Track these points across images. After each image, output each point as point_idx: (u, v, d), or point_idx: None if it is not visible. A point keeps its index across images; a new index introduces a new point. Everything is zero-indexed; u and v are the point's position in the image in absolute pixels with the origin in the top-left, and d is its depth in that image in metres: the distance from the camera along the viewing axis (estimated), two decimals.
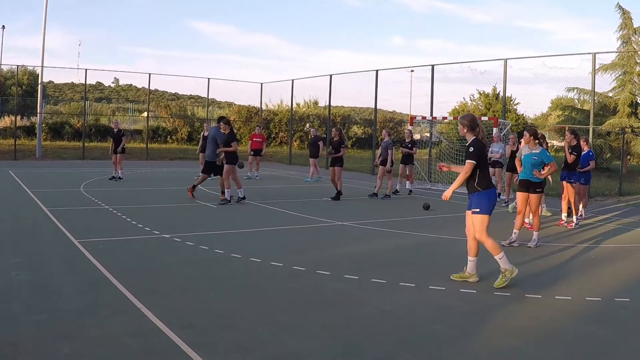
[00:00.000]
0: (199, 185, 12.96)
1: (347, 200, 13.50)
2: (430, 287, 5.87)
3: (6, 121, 41.32)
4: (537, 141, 8.51)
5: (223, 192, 12.01)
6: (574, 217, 10.52)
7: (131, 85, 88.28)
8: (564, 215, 10.73)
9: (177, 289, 5.61)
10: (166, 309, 4.90)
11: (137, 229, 8.93)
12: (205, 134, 16.77)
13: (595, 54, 15.85)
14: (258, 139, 19.36)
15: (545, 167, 8.36)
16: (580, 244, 8.78)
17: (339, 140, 13.77)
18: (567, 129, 12.41)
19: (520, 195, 8.51)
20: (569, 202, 10.73)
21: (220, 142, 12.14)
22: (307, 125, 19.28)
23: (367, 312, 5.03)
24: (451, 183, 6.49)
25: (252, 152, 19.13)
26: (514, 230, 8.48)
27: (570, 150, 10.60)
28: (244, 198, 12.27)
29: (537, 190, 8.43)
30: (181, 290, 5.56)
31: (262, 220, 10.39)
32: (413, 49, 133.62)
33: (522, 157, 8.59)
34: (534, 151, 8.41)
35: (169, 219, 10.17)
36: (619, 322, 5.03)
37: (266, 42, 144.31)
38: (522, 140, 9.00)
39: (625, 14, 26.04)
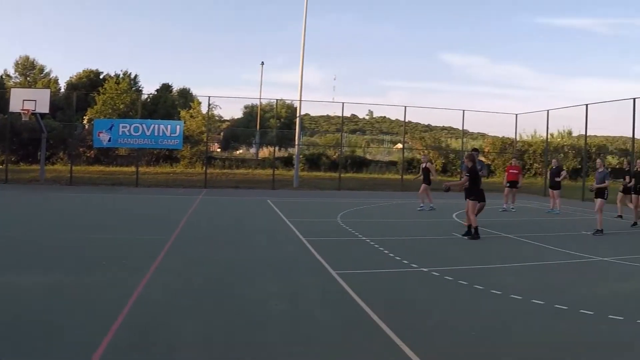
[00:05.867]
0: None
1: (606, 235, 12.82)
2: None
3: (265, 152, 45.02)
4: None
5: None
6: None
7: (385, 117, 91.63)
8: None
9: (438, 326, 5.57)
10: (427, 348, 4.85)
11: (394, 261, 8.83)
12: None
13: None
14: (514, 171, 19.10)
15: None
16: None
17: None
18: None
19: None
20: None
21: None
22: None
23: (633, 357, 4.91)
24: None
25: (508, 184, 18.86)
26: None
27: None
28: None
29: None
30: (442, 328, 5.52)
31: (520, 254, 10.15)
32: None
33: None
34: None
35: (425, 252, 10.09)
36: None
37: (516, 73, 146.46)
38: None
39: None
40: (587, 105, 24.65)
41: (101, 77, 49.42)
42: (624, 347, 5.14)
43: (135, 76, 50.51)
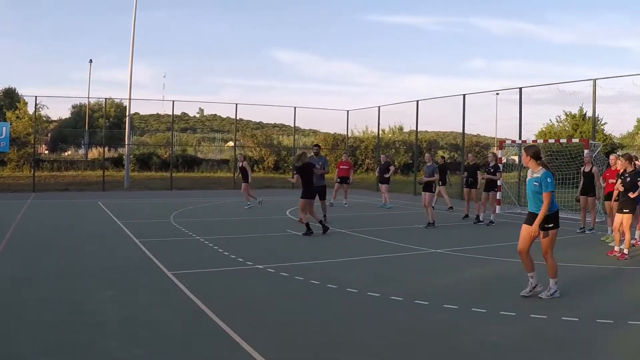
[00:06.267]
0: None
1: (437, 227, 13.32)
2: (531, 315, 5.84)
3: (94, 153, 42.10)
4: (538, 162, 6.62)
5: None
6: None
7: (216, 115, 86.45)
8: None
9: (275, 322, 5.64)
10: (266, 343, 4.88)
11: (230, 260, 8.86)
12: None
13: None
14: (345, 167, 19.15)
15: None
16: None
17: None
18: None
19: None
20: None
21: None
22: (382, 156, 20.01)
23: (472, 344, 5.03)
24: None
25: (338, 180, 18.96)
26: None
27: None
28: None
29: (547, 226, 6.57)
30: (280, 323, 5.60)
31: (355, 249, 10.43)
32: (495, 72, 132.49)
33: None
34: (535, 175, 6.61)
35: (260, 249, 10.10)
36: None
37: (347, 70, 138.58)
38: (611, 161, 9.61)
39: None
40: (417, 101, 25.28)
41: None
42: (460, 333, 5.33)
43: None
